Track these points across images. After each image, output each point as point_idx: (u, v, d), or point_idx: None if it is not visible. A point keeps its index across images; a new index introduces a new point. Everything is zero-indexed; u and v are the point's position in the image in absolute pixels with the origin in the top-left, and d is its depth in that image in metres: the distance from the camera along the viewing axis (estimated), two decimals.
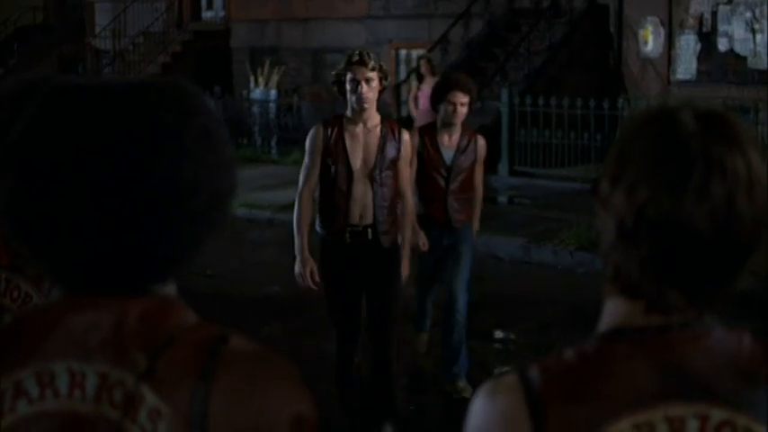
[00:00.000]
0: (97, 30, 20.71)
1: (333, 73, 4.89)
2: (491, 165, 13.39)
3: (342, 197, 4.84)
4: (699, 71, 14.03)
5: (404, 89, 14.93)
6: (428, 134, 5.83)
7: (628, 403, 1.15)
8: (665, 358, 1.18)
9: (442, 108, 5.69)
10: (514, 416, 1.18)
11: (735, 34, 13.71)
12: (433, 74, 11.65)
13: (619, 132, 1.25)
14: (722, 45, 13.85)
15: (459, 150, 5.79)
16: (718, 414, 1.15)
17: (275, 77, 16.71)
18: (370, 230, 4.87)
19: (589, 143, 12.50)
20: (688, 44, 14.14)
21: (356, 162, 4.85)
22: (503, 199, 11.99)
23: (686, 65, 14.18)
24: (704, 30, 13.98)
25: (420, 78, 12.24)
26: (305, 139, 4.94)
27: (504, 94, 13.22)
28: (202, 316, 1.26)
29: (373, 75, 4.75)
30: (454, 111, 5.65)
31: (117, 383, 1.17)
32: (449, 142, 5.78)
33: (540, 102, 12.89)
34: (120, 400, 1.16)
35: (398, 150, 4.90)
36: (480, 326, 6.87)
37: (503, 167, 13.10)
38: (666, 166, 1.15)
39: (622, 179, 1.18)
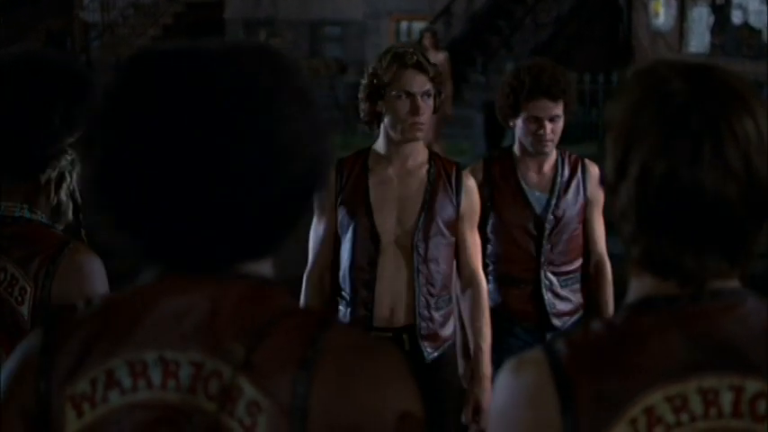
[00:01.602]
0: (85, 1, 20.50)
1: (365, 82, 3.08)
2: (495, 142, 13.25)
3: (362, 280, 3.08)
4: (712, 44, 13.98)
5: None
6: (499, 166, 3.40)
7: (659, 375, 1.13)
8: (696, 328, 1.16)
9: (519, 125, 3.32)
10: (541, 390, 1.15)
11: (749, 6, 13.60)
12: (436, 48, 11.43)
13: (610, 113, 1.22)
14: (736, 18, 13.76)
15: (558, 189, 3.37)
16: (752, 385, 1.13)
17: None
18: (406, 337, 3.06)
19: (597, 119, 12.32)
20: (701, 16, 14.07)
21: (385, 223, 3.07)
22: None
23: (699, 38, 14.12)
24: (718, 2, 13.92)
25: None
26: None
27: (510, 68, 12.80)
28: None
29: (431, 87, 3.04)
30: (540, 131, 3.25)
31: (213, 374, 1.13)
32: (538, 177, 3.38)
33: None
34: (216, 391, 1.12)
35: (457, 205, 3.10)
36: None
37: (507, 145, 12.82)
38: (675, 142, 1.14)
39: (632, 163, 1.16)
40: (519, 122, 3.31)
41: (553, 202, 3.35)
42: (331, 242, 3.13)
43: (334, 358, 1.13)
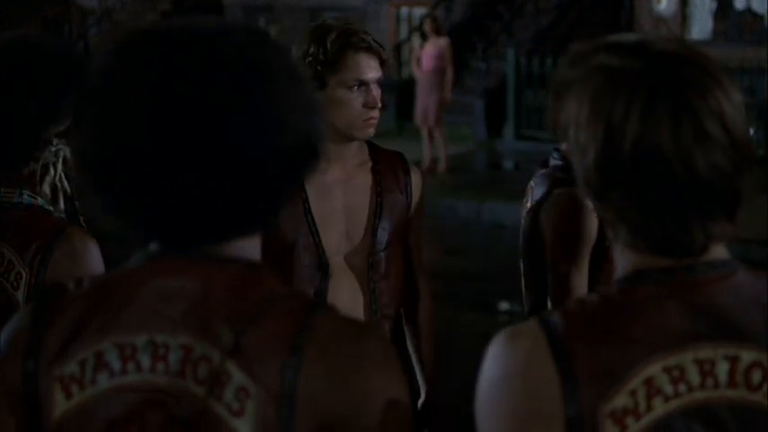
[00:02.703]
0: None
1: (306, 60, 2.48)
2: (496, 129, 13.25)
3: None
4: (715, 30, 13.94)
5: (405, 49, 14.81)
6: None
7: (657, 345, 1.13)
8: (691, 299, 1.16)
9: None
10: (537, 360, 1.13)
11: None
12: (437, 33, 11.49)
13: (569, 110, 1.18)
14: (739, 3, 13.70)
15: None
16: (747, 355, 1.14)
17: None
18: None
19: None
20: (703, 2, 14.00)
21: (332, 241, 2.55)
22: (508, 164, 11.79)
23: (701, 24, 14.05)
24: None
25: (424, 37, 12.09)
26: None
27: (510, 54, 12.95)
28: None
29: (381, 73, 2.55)
30: None
31: (201, 358, 1.12)
32: None
33: (548, 63, 12.47)
34: (204, 376, 1.12)
35: (408, 204, 2.64)
36: (485, 297, 6.69)
37: (508, 131, 12.82)
38: (655, 128, 1.13)
39: (620, 163, 1.14)
40: None
41: None
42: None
43: (322, 344, 1.12)
